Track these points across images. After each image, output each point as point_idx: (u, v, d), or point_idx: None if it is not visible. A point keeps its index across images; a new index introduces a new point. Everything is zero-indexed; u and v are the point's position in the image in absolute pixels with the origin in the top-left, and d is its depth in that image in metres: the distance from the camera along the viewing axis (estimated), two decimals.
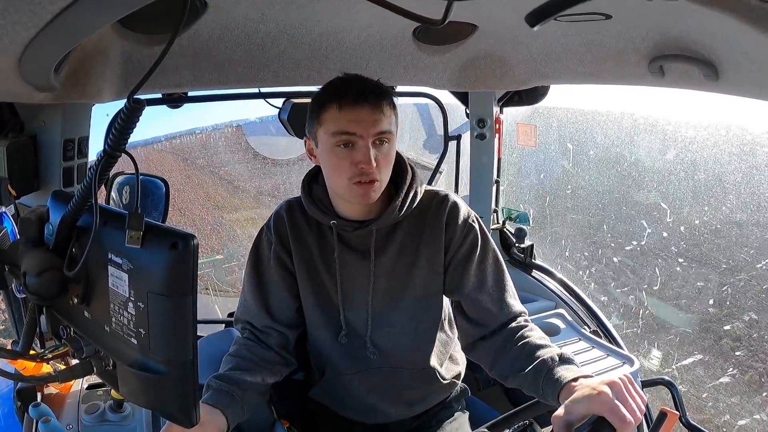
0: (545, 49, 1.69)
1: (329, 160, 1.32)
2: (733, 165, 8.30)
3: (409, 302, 1.46)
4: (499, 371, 1.36)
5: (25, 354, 0.99)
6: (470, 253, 1.43)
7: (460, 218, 1.44)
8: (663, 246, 8.72)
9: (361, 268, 1.43)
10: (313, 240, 1.46)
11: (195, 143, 18.31)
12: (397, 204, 1.38)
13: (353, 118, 1.27)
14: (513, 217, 2.63)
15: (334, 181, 1.35)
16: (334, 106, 1.28)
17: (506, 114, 2.54)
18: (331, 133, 1.29)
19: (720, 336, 7.43)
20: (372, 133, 1.28)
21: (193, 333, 0.81)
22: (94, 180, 0.82)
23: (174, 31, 0.75)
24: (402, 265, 1.44)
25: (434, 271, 1.44)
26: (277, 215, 1.50)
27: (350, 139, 1.28)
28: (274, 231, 1.48)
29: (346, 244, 1.44)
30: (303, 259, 1.46)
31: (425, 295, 1.46)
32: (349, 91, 1.28)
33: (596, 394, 1.02)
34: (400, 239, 1.43)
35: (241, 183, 16.82)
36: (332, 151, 1.30)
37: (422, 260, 1.43)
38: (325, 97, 1.31)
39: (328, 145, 1.30)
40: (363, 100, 1.27)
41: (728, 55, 1.20)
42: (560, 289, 2.40)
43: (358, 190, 1.30)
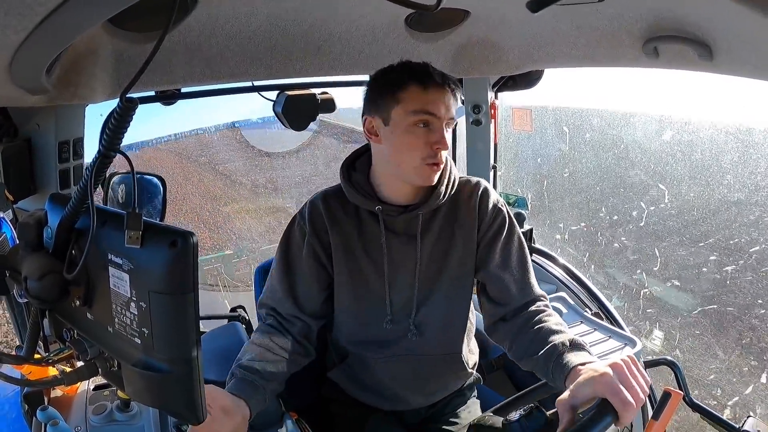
0: (538, 33, 1.69)
1: (404, 138, 1.34)
2: (729, 145, 8.29)
3: (446, 282, 1.49)
4: (515, 353, 1.40)
5: (30, 358, 1.00)
6: (497, 233, 1.48)
7: (490, 202, 1.49)
8: (662, 227, 8.73)
9: (406, 252, 1.47)
10: (353, 227, 1.47)
11: (194, 143, 18.29)
12: (442, 189, 1.43)
13: (436, 98, 1.32)
14: (511, 201, 2.63)
15: (405, 159, 1.36)
16: (419, 85, 1.32)
17: (501, 99, 2.53)
18: (411, 111, 1.32)
19: (721, 315, 7.46)
20: (447, 117, 1.34)
21: (196, 330, 0.81)
22: (89, 181, 0.81)
23: (165, 27, 0.75)
24: (441, 247, 1.48)
25: (468, 250, 1.49)
26: (312, 204, 1.50)
27: (429, 120, 1.32)
28: (308, 221, 1.48)
29: (390, 229, 1.46)
30: (342, 247, 1.47)
31: (460, 275, 1.50)
32: (434, 74, 1.33)
33: (598, 376, 1.03)
34: (440, 222, 1.47)
35: (238, 177, 16.80)
36: (409, 130, 1.33)
37: (458, 241, 1.48)
38: (405, 76, 1.34)
39: (405, 123, 1.33)
40: (446, 84, 1.33)
41: (722, 34, 1.19)
42: (561, 273, 2.40)
43: (427, 170, 1.35)
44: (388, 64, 1.39)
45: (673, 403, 1.03)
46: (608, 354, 1.80)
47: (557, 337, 1.28)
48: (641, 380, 1.04)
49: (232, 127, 18.47)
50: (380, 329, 1.50)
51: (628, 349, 1.83)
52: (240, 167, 17.22)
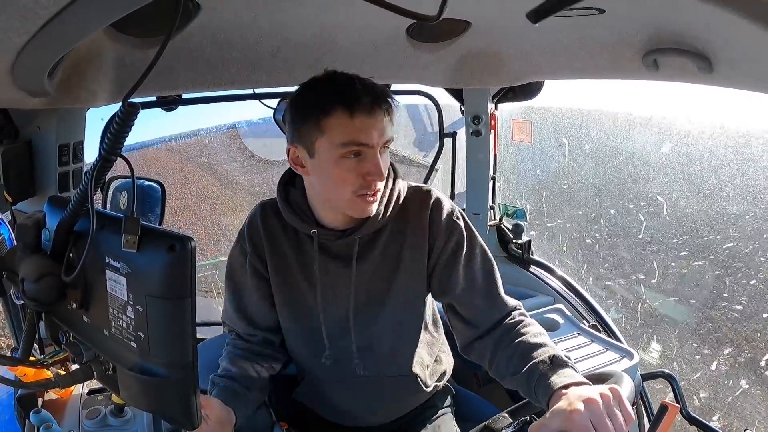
0: (539, 44, 1.69)
1: (332, 171, 1.20)
2: (728, 157, 8.32)
3: (391, 307, 1.40)
4: (496, 372, 1.32)
5: (25, 360, 0.99)
6: (456, 252, 1.36)
7: (443, 215, 1.36)
8: (660, 239, 8.74)
9: (343, 276, 1.37)
10: (290, 247, 1.39)
11: (194, 144, 18.31)
12: (380, 210, 1.31)
13: (367, 126, 1.17)
14: (510, 213, 2.63)
15: (334, 194, 1.25)
16: (345, 112, 1.16)
17: (501, 110, 2.54)
18: (340, 144, 1.17)
19: (719, 327, 7.45)
20: (382, 143, 1.20)
21: (192, 335, 0.81)
22: (90, 185, 0.81)
23: (167, 33, 0.75)
24: (384, 270, 1.38)
25: (417, 273, 1.39)
26: (250, 222, 1.42)
27: (360, 150, 1.18)
28: (248, 239, 1.41)
29: (327, 253, 1.37)
30: (279, 268, 1.40)
31: (407, 299, 1.41)
32: (362, 96, 1.17)
33: (569, 412, 0.97)
34: (383, 243, 1.36)
35: (238, 183, 16.81)
36: (337, 163, 1.19)
37: (405, 263, 1.37)
38: (328, 101, 1.18)
39: (332, 156, 1.19)
40: (378, 107, 1.18)
41: (722, 47, 1.20)
42: (558, 284, 2.40)
43: (361, 203, 1.24)
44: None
45: (670, 417, 1.02)
46: (605, 366, 1.79)
47: (538, 353, 1.19)
48: (619, 419, 0.96)
49: (232, 129, 18.51)
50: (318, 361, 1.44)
51: (625, 361, 1.83)
52: (239, 174, 17.24)
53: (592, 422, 0.95)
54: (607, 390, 1.00)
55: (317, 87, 1.23)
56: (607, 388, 1.01)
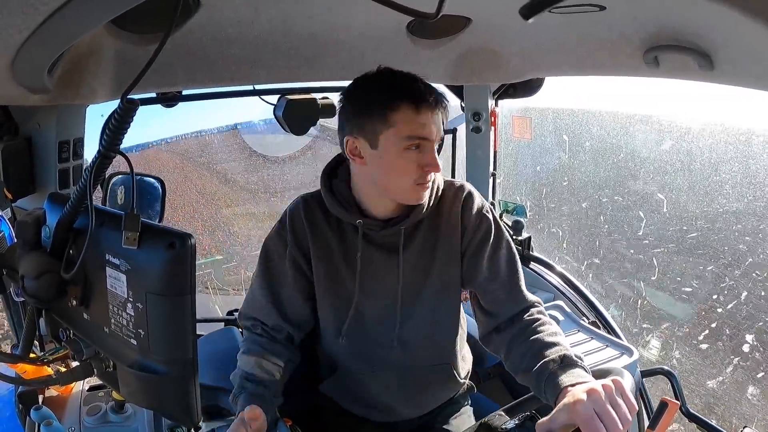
0: (540, 41, 1.69)
1: (395, 162, 1.27)
2: (728, 154, 8.31)
3: (430, 294, 1.44)
4: (511, 366, 1.35)
5: (25, 357, 0.99)
6: (483, 242, 1.41)
7: (474, 208, 1.42)
8: (660, 236, 8.74)
9: (387, 265, 1.41)
10: (334, 237, 1.42)
11: (195, 145, 18.31)
12: (425, 203, 1.37)
13: (429, 121, 1.25)
14: (510, 209, 2.63)
15: (395, 183, 1.31)
16: (411, 107, 1.24)
17: (501, 106, 2.54)
18: (405, 136, 1.24)
19: (718, 324, 7.46)
20: (438, 138, 1.28)
21: (192, 332, 0.81)
22: (89, 181, 0.81)
23: (167, 29, 0.75)
24: (423, 260, 1.42)
25: (452, 260, 1.43)
26: (292, 212, 1.44)
27: (421, 143, 1.25)
28: (290, 230, 1.43)
29: (371, 243, 1.40)
30: (322, 258, 1.42)
31: (444, 287, 1.45)
32: (425, 93, 1.25)
33: (573, 403, 1.00)
34: (422, 234, 1.41)
35: (238, 180, 16.80)
36: (401, 154, 1.26)
37: (440, 251, 1.42)
38: (394, 96, 1.25)
39: (396, 147, 1.25)
40: (439, 105, 1.27)
41: (723, 44, 1.20)
42: (558, 281, 2.40)
43: (419, 191, 1.30)
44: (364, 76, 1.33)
45: (669, 413, 1.02)
46: (605, 363, 1.79)
47: (550, 351, 1.22)
48: (623, 408, 0.99)
49: (233, 129, 18.50)
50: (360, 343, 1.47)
51: (625, 358, 1.83)
52: (240, 170, 17.24)
53: (595, 411, 0.98)
54: (610, 381, 1.02)
55: (382, 83, 1.29)
56: (610, 380, 1.03)
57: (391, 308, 1.44)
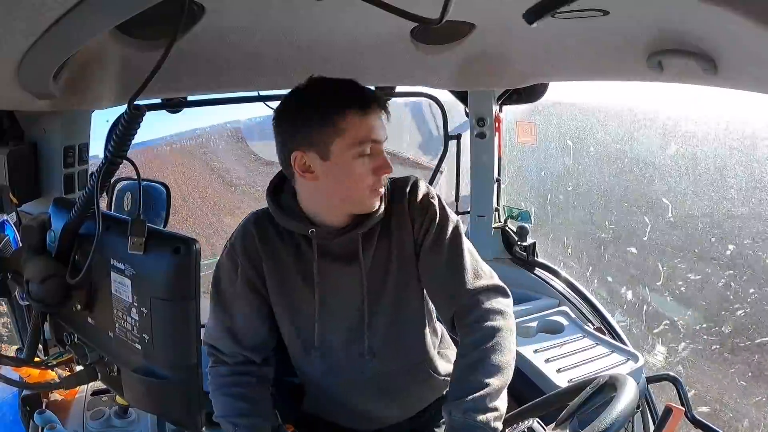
0: (544, 46, 1.69)
1: (350, 170, 1.23)
2: (734, 158, 8.28)
3: (391, 297, 1.38)
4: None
5: (30, 361, 1.00)
6: (429, 229, 1.36)
7: (419, 197, 1.36)
8: (665, 241, 8.70)
9: (346, 275, 1.36)
10: (288, 253, 1.36)
11: (195, 146, 18.33)
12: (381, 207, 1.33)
13: (377, 123, 1.23)
14: (515, 215, 2.63)
15: (352, 192, 1.27)
16: (357, 112, 1.20)
17: (505, 112, 2.54)
18: (357, 142, 1.21)
19: (725, 330, 7.42)
20: (385, 138, 1.25)
21: (197, 337, 0.81)
22: (95, 187, 0.82)
23: (172, 36, 0.75)
24: (380, 262, 1.37)
25: (407, 257, 1.38)
26: (243, 231, 1.38)
27: (373, 147, 1.23)
28: (240, 250, 1.36)
29: (327, 254, 1.35)
30: (277, 274, 1.37)
31: (404, 285, 1.39)
32: (367, 96, 1.23)
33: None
34: (376, 236, 1.36)
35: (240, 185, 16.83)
36: (354, 162, 1.22)
37: (395, 251, 1.37)
38: (340, 103, 1.21)
39: (348, 156, 1.21)
40: (378, 104, 1.23)
41: (727, 49, 1.20)
42: (563, 287, 2.40)
43: (374, 198, 1.27)
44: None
45: (675, 420, 1.02)
46: (610, 369, 1.79)
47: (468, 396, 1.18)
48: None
49: (234, 132, 18.53)
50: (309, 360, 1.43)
51: (631, 363, 1.82)
52: (242, 175, 17.26)
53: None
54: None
55: (323, 92, 1.25)
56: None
57: (356, 318, 1.39)
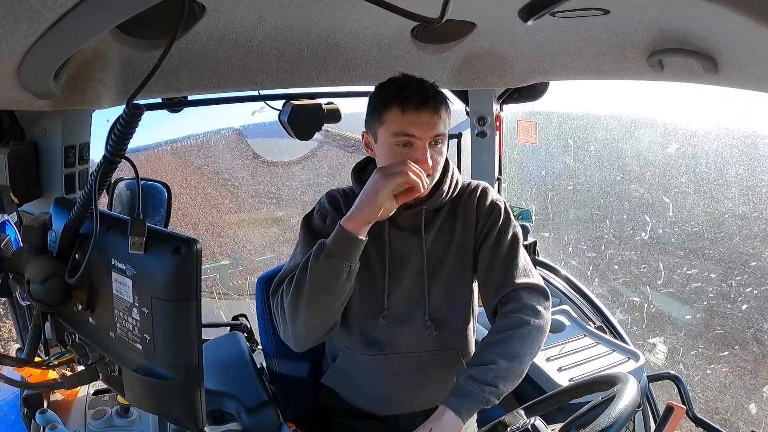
0: (544, 45, 1.69)
1: (388, 155, 1.39)
2: (734, 157, 8.28)
3: (446, 275, 1.53)
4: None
5: (31, 361, 1.00)
6: (492, 227, 1.53)
7: (488, 200, 1.55)
8: (666, 240, 8.70)
9: (410, 245, 1.51)
10: None
11: (195, 146, 18.33)
12: (444, 188, 1.50)
13: (414, 121, 1.35)
14: (515, 214, 2.62)
15: None
16: (398, 108, 1.35)
17: (506, 111, 2.53)
18: (392, 133, 1.37)
19: (726, 329, 7.42)
20: (430, 136, 1.36)
21: (198, 337, 0.81)
22: (94, 187, 0.82)
23: (172, 35, 0.75)
24: (442, 240, 1.53)
25: (466, 247, 1.54)
26: (331, 194, 1.58)
27: (410, 140, 1.36)
28: (329, 205, 1.54)
29: (395, 224, 1.51)
30: None
31: (458, 270, 1.54)
32: (413, 95, 1.35)
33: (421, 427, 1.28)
34: (441, 219, 1.53)
35: (241, 186, 16.82)
36: (392, 150, 1.38)
37: (457, 236, 1.53)
38: (388, 97, 1.38)
39: (387, 143, 1.38)
40: (425, 105, 1.35)
41: (727, 47, 1.19)
42: (564, 286, 2.40)
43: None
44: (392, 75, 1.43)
45: (676, 418, 1.02)
46: (611, 367, 1.79)
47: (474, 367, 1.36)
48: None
49: (236, 133, 18.53)
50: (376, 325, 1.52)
51: (632, 362, 1.82)
52: (243, 175, 17.26)
53: None
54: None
55: (385, 86, 1.42)
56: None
57: (419, 286, 1.52)
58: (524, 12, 1.25)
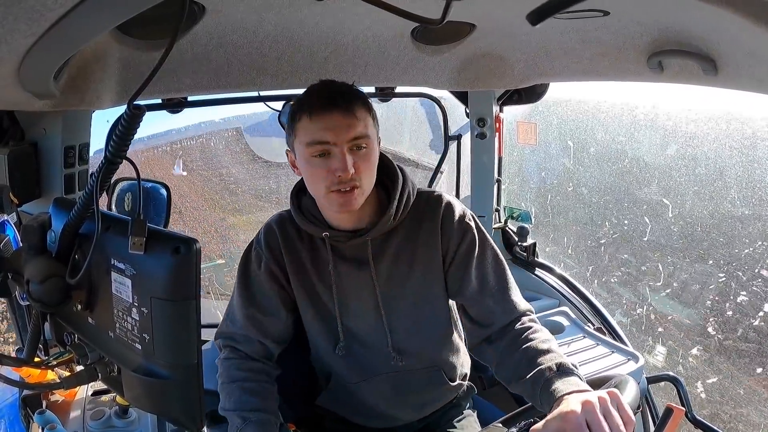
0: (544, 47, 1.69)
1: (307, 170, 1.30)
2: (734, 159, 8.28)
3: (408, 306, 1.43)
4: (503, 375, 1.33)
5: (30, 361, 1.00)
6: (469, 253, 1.40)
7: (455, 217, 1.41)
8: (665, 242, 8.70)
9: (359, 277, 1.41)
10: (306, 252, 1.43)
11: (195, 146, 18.31)
12: (391, 212, 1.35)
13: (325, 125, 1.23)
14: (515, 215, 2.63)
15: (314, 192, 1.33)
16: (305, 115, 1.25)
17: (506, 112, 2.54)
18: (305, 144, 1.26)
19: (725, 331, 7.41)
20: (346, 139, 1.24)
21: (197, 337, 0.81)
22: (95, 187, 0.82)
23: (172, 36, 0.75)
24: (399, 271, 1.41)
25: (432, 273, 1.42)
26: (267, 229, 1.47)
27: (325, 149, 1.24)
28: (264, 246, 1.44)
29: (341, 255, 1.41)
30: (297, 272, 1.43)
31: (424, 299, 1.44)
32: (319, 98, 1.25)
33: (566, 412, 0.99)
34: (396, 245, 1.40)
35: (240, 186, 16.80)
36: (309, 162, 1.27)
37: (419, 263, 1.41)
38: (296, 107, 1.28)
39: (304, 156, 1.27)
40: (332, 105, 1.24)
41: (727, 49, 1.20)
42: (563, 287, 2.40)
43: (338, 199, 1.28)
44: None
45: (675, 420, 1.02)
46: (611, 369, 1.79)
47: (545, 359, 1.21)
48: (616, 420, 0.96)
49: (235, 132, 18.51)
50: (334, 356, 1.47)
51: (631, 364, 1.82)
52: (243, 176, 17.24)
53: (587, 420, 0.96)
54: (606, 393, 1.01)
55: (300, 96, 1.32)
56: (607, 391, 1.01)
57: (375, 318, 1.44)
58: (533, 16, 1.25)
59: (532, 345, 1.27)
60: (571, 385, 1.11)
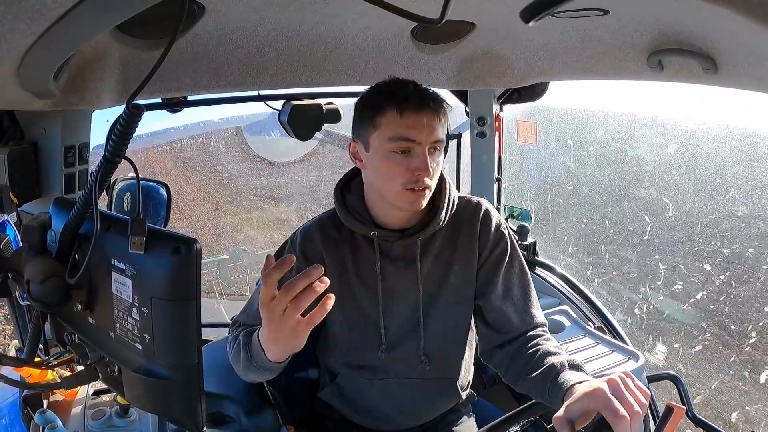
0: (544, 45, 1.69)
1: (383, 165, 1.29)
2: (734, 158, 8.30)
3: (444, 307, 1.45)
4: (510, 376, 1.35)
5: (30, 361, 1.00)
6: (499, 260, 1.43)
7: (492, 225, 1.44)
8: (665, 240, 8.72)
9: (404, 278, 1.42)
10: (348, 251, 1.42)
11: (195, 145, 18.32)
12: (441, 215, 1.38)
13: (414, 124, 1.25)
14: (515, 214, 2.63)
15: (385, 187, 1.31)
16: (395, 109, 1.25)
17: (506, 111, 2.53)
18: (388, 138, 1.26)
19: (725, 329, 7.42)
20: (430, 141, 1.26)
21: (197, 337, 0.81)
22: (94, 187, 0.82)
23: (172, 35, 0.75)
24: (438, 271, 1.43)
25: (467, 275, 1.44)
26: (306, 237, 1.44)
27: (409, 146, 1.26)
28: (300, 253, 1.41)
29: (387, 255, 1.41)
30: (338, 273, 1.41)
31: (457, 300, 1.45)
32: (412, 97, 1.26)
33: (591, 390, 1.00)
34: (438, 246, 1.42)
35: (240, 186, 16.81)
36: (388, 157, 1.27)
37: (456, 266, 1.43)
38: (382, 100, 1.28)
39: (383, 150, 1.28)
40: (425, 106, 1.26)
41: (727, 48, 1.19)
42: (563, 286, 2.39)
43: (411, 196, 1.29)
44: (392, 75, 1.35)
45: (675, 419, 1.01)
46: (612, 368, 1.79)
47: (554, 357, 1.24)
48: (638, 394, 0.99)
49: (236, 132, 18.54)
50: (374, 356, 1.46)
51: (631, 363, 1.82)
52: (243, 175, 17.25)
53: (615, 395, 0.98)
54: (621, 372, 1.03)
55: (377, 88, 1.33)
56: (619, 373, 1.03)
57: (414, 322, 1.44)
58: (526, 13, 1.25)
59: (541, 348, 1.31)
60: (582, 377, 1.13)
